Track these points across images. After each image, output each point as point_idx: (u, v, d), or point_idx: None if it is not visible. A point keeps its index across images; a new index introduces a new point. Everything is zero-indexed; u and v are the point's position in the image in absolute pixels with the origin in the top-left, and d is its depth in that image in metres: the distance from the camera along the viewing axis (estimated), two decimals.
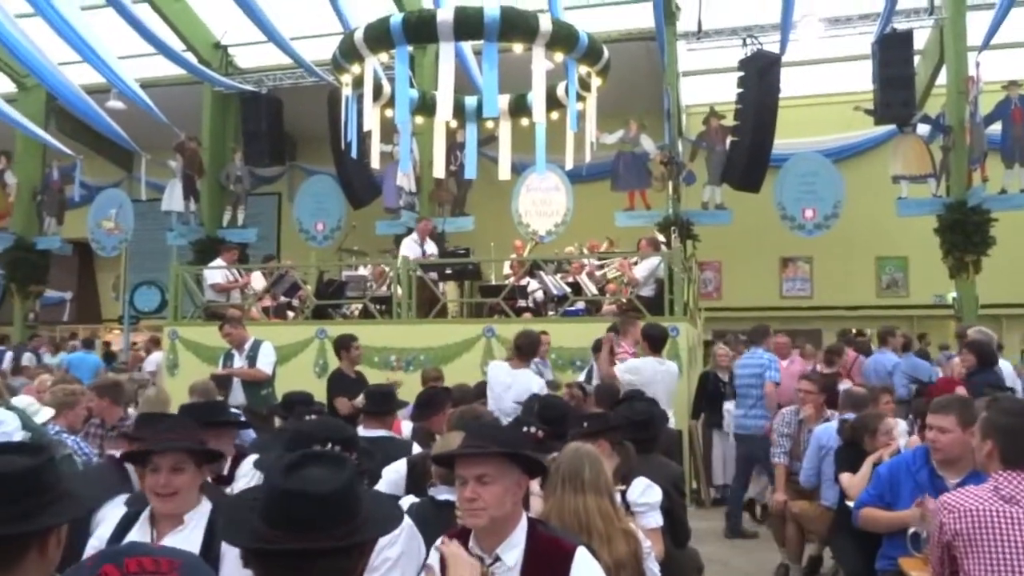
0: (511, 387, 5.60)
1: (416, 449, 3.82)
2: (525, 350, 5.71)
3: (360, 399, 4.70)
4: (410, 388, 6.13)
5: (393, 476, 3.34)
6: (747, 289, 16.59)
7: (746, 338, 7.84)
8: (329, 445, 2.57)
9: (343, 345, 6.69)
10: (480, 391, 5.65)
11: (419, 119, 10.59)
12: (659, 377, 5.89)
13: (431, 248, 10.42)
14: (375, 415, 4.11)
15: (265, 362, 7.20)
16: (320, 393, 5.97)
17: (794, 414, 5.87)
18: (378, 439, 3.96)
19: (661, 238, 11.08)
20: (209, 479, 2.80)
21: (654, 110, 14.68)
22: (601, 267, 10.64)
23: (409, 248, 10.23)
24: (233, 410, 4.96)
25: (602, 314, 9.30)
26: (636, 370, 5.89)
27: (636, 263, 9.49)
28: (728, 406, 8.33)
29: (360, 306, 10.13)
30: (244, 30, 15.25)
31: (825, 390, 5.88)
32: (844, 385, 6.84)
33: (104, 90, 15.18)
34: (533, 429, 3.17)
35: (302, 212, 16.59)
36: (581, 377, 7.09)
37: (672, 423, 5.86)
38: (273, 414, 4.94)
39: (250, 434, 5.02)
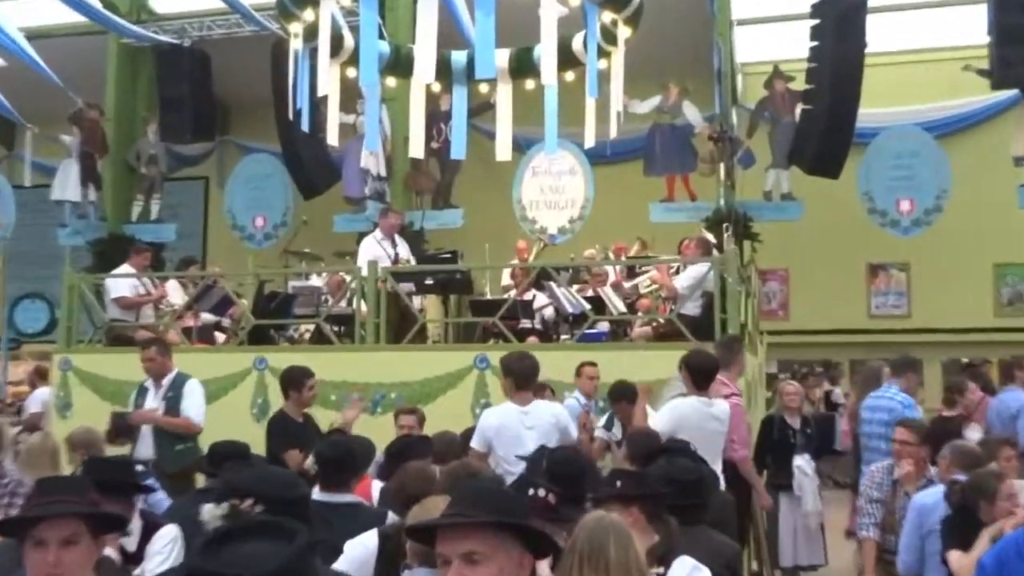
0: (535, 427, 5.58)
1: (391, 518, 3.80)
2: (523, 375, 5.72)
3: (311, 462, 4.65)
4: (380, 434, 6.09)
5: (359, 552, 3.30)
6: (823, 306, 16.59)
7: (888, 368, 7.71)
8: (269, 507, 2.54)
9: (294, 382, 6.65)
10: (469, 441, 5.64)
11: (391, 81, 10.67)
12: (706, 424, 5.87)
13: (403, 251, 10.45)
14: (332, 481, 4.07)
15: (194, 408, 7.17)
16: (258, 443, 5.96)
17: (887, 473, 5.82)
18: (339, 505, 3.95)
19: (710, 238, 11.10)
20: (113, 555, 2.79)
21: (700, 70, 14.77)
22: (631, 276, 10.66)
23: (370, 250, 10.26)
24: (139, 467, 4.93)
25: (631, 339, 9.30)
26: (677, 416, 5.88)
27: (677, 271, 9.49)
28: (799, 461, 8.31)
29: (312, 327, 10.13)
30: None
31: (929, 440, 5.83)
32: (973, 432, 6.80)
33: None
34: (541, 492, 3.16)
35: (236, 203, 16.71)
36: (600, 424, 7.08)
37: (724, 485, 5.85)
38: (194, 471, 4.92)
39: (163, 501, 5.00)
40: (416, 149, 10.60)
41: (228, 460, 4.24)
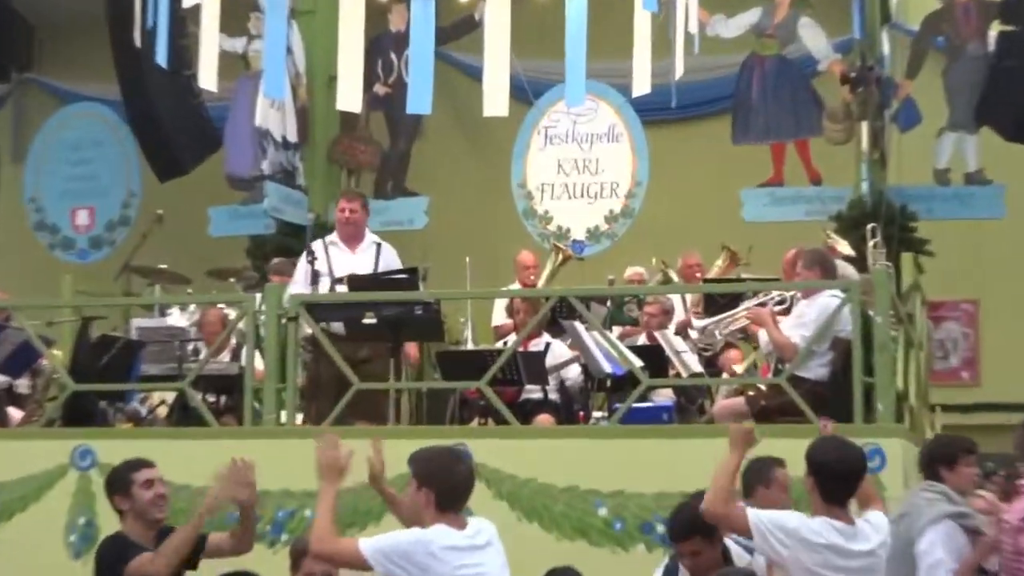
0: (487, 545, 5.68)
1: None
2: (453, 491, 5.77)
3: None
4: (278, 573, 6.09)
5: None
6: None
7: None
8: None
9: (116, 485, 6.65)
10: None
11: None
12: (853, 561, 5.89)
13: (370, 264, 10.33)
14: None
15: None
16: None
17: None
18: None
19: (845, 249, 11.06)
20: None
21: None
22: (711, 312, 10.65)
23: (306, 267, 10.10)
24: None
25: (710, 418, 9.26)
26: (785, 532, 5.90)
27: (786, 305, 9.47)
28: None
29: (171, 396, 10.08)
30: None
31: None
32: None
33: None
34: None
35: (44, 186, 16.85)
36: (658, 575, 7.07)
37: None
38: None
39: None
40: (349, 97, 10.63)
41: None
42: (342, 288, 9.65)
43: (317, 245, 10.17)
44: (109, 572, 6.49)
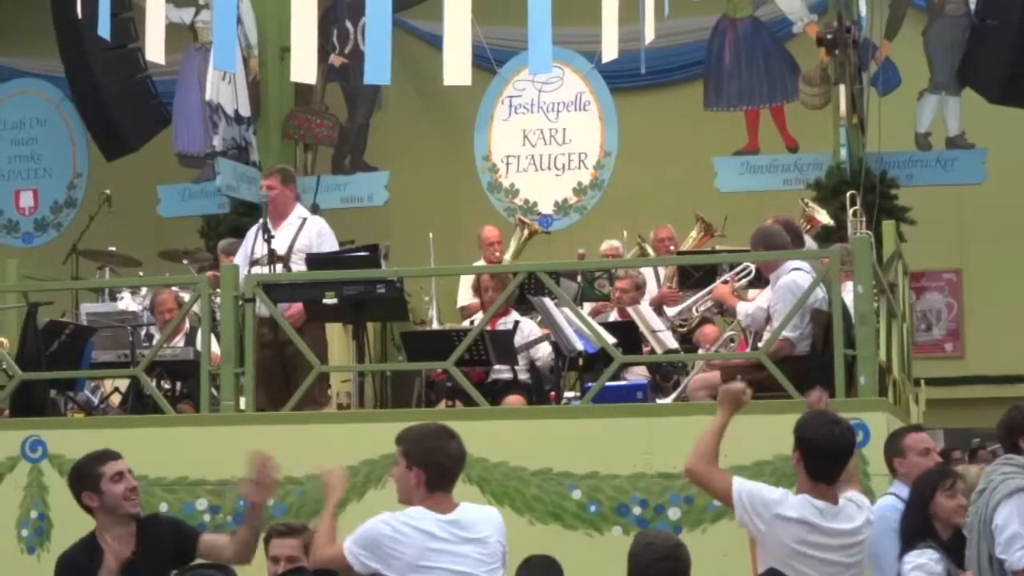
0: (478, 539, 5.68)
1: None
2: (444, 469, 5.78)
3: None
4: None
5: None
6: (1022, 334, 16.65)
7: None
8: None
9: (83, 481, 6.56)
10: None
11: None
12: (828, 549, 5.92)
13: (286, 242, 10.34)
14: None
15: None
16: None
17: None
18: None
19: (823, 218, 11.11)
20: None
21: None
22: (687, 285, 10.70)
23: (247, 246, 10.14)
24: None
25: (689, 396, 9.31)
26: (764, 506, 5.91)
27: (749, 279, 9.55)
28: None
29: (124, 384, 10.10)
30: None
31: None
32: None
33: None
34: None
35: None
36: None
37: None
38: None
39: None
40: (303, 69, 10.61)
41: None
42: (259, 270, 9.57)
43: (252, 228, 10.22)
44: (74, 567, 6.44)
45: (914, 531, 6.54)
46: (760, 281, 9.57)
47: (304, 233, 9.91)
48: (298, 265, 9.75)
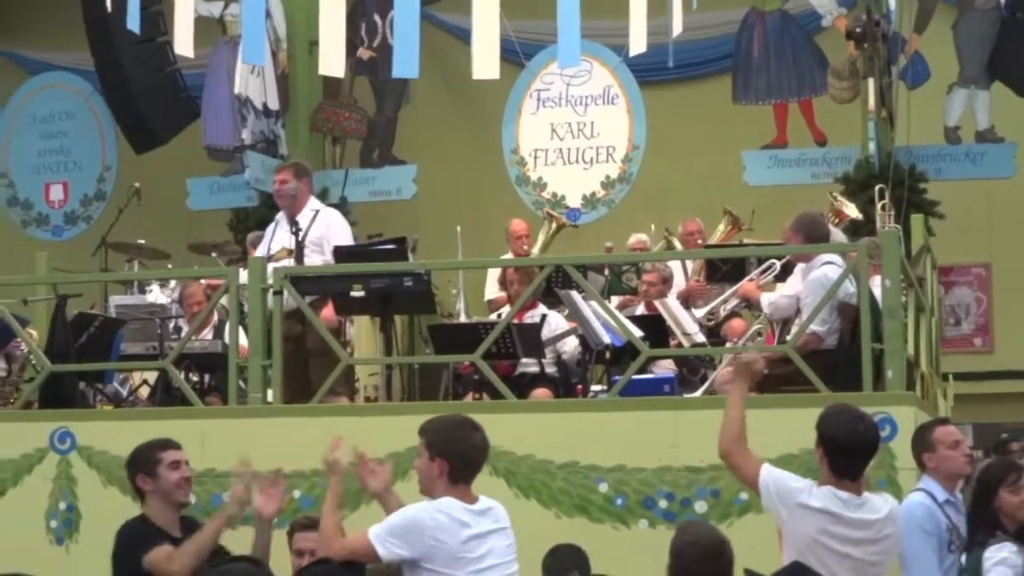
0: (503, 530, 5.74)
1: None
2: (467, 461, 5.80)
3: None
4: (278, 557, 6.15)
5: None
6: None
7: None
8: None
9: (141, 465, 6.63)
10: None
11: None
12: (851, 543, 5.90)
13: (312, 235, 10.33)
14: None
15: None
16: (62, 572, 5.93)
17: None
18: None
19: (852, 212, 11.08)
20: None
21: None
22: (715, 279, 10.69)
23: (266, 239, 10.22)
24: None
25: (717, 391, 9.30)
26: (788, 494, 5.90)
27: (775, 275, 9.53)
28: None
29: (153, 376, 10.14)
30: None
31: None
32: None
33: None
34: None
35: (15, 160, 16.93)
36: None
37: None
38: None
39: None
40: (331, 62, 10.63)
41: None
42: (272, 267, 9.47)
43: (271, 225, 10.28)
44: (128, 557, 6.49)
45: (980, 527, 6.58)
46: (785, 275, 9.58)
47: (316, 225, 9.88)
48: (310, 258, 9.73)
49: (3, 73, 18.46)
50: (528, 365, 9.76)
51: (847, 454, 6.02)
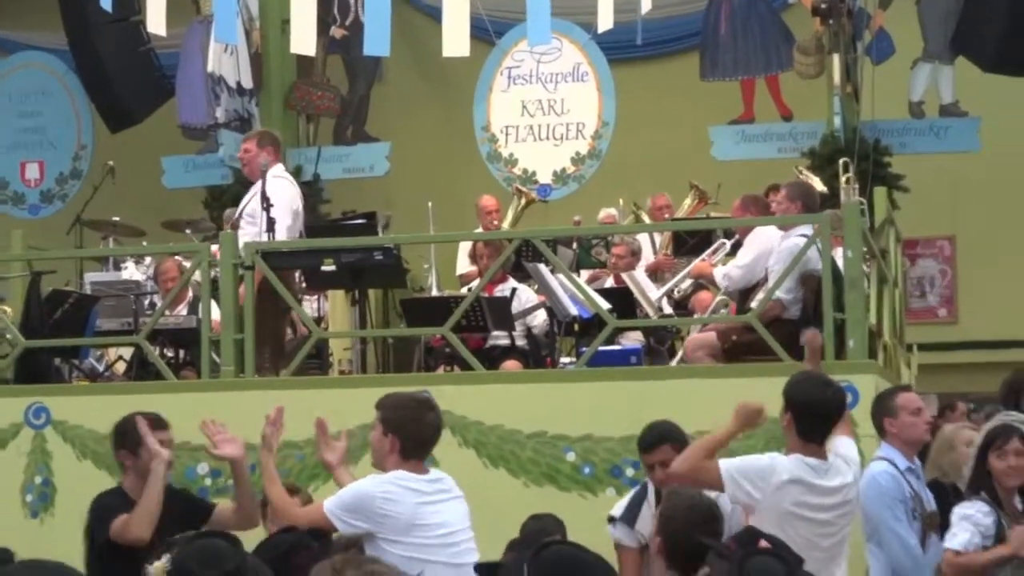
0: (458, 497, 5.82)
1: None
2: (419, 439, 5.85)
3: (160, 569, 4.61)
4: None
5: None
6: (1017, 301, 16.60)
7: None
8: None
9: (130, 440, 6.65)
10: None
11: None
12: (814, 509, 5.95)
13: (290, 214, 10.27)
14: None
15: None
16: (39, 551, 5.92)
17: None
18: None
19: (818, 185, 11.09)
20: None
21: None
22: (681, 251, 10.73)
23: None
24: None
25: (688, 356, 9.34)
26: (757, 474, 5.97)
27: (723, 253, 9.62)
28: None
29: (128, 352, 10.13)
30: None
31: None
32: None
33: None
34: None
35: None
36: (618, 509, 7.12)
37: None
38: None
39: None
40: (303, 40, 10.61)
41: None
42: (243, 242, 9.33)
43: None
44: (99, 528, 6.51)
45: (972, 486, 6.63)
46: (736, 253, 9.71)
47: (256, 197, 9.60)
48: (243, 230, 9.53)
49: None
50: (499, 338, 9.81)
51: (815, 418, 6.11)
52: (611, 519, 6.86)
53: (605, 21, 9.71)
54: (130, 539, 6.23)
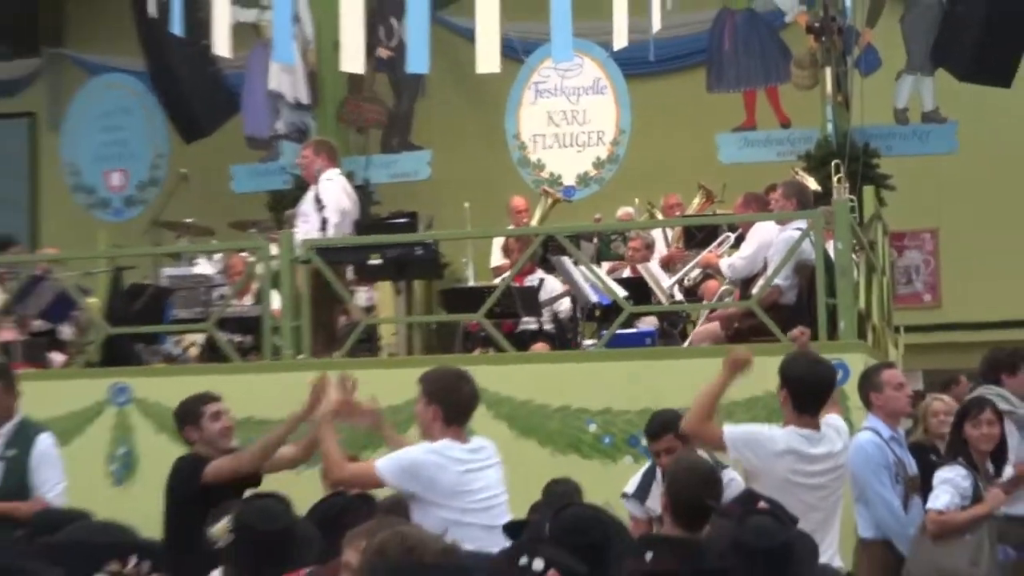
0: (494, 465, 5.91)
1: None
2: (459, 406, 5.88)
3: (223, 528, 4.66)
4: (304, 496, 6.16)
5: None
6: (993, 285, 16.58)
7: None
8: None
9: (187, 418, 6.74)
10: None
11: None
12: (808, 475, 5.96)
13: (337, 213, 10.32)
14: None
15: (51, 483, 7.02)
16: (122, 515, 5.97)
17: None
18: None
19: (812, 185, 11.08)
20: None
21: None
22: (691, 246, 10.74)
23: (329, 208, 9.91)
24: None
25: (692, 342, 9.35)
26: (757, 443, 5.98)
27: (728, 245, 9.66)
28: None
29: (200, 338, 10.19)
30: None
31: None
32: None
33: None
34: (538, 564, 3.22)
35: (80, 151, 16.91)
36: (631, 487, 7.15)
37: (835, 559, 5.94)
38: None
39: None
40: (353, 60, 10.64)
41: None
42: (300, 238, 9.48)
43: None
44: (184, 482, 6.62)
45: (950, 452, 6.75)
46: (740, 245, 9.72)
47: (315, 191, 9.83)
48: (298, 227, 9.70)
49: (69, 74, 18.53)
50: (528, 323, 9.86)
51: (809, 392, 6.13)
52: (624, 495, 6.94)
53: (620, 40, 9.74)
54: (236, 467, 6.51)
